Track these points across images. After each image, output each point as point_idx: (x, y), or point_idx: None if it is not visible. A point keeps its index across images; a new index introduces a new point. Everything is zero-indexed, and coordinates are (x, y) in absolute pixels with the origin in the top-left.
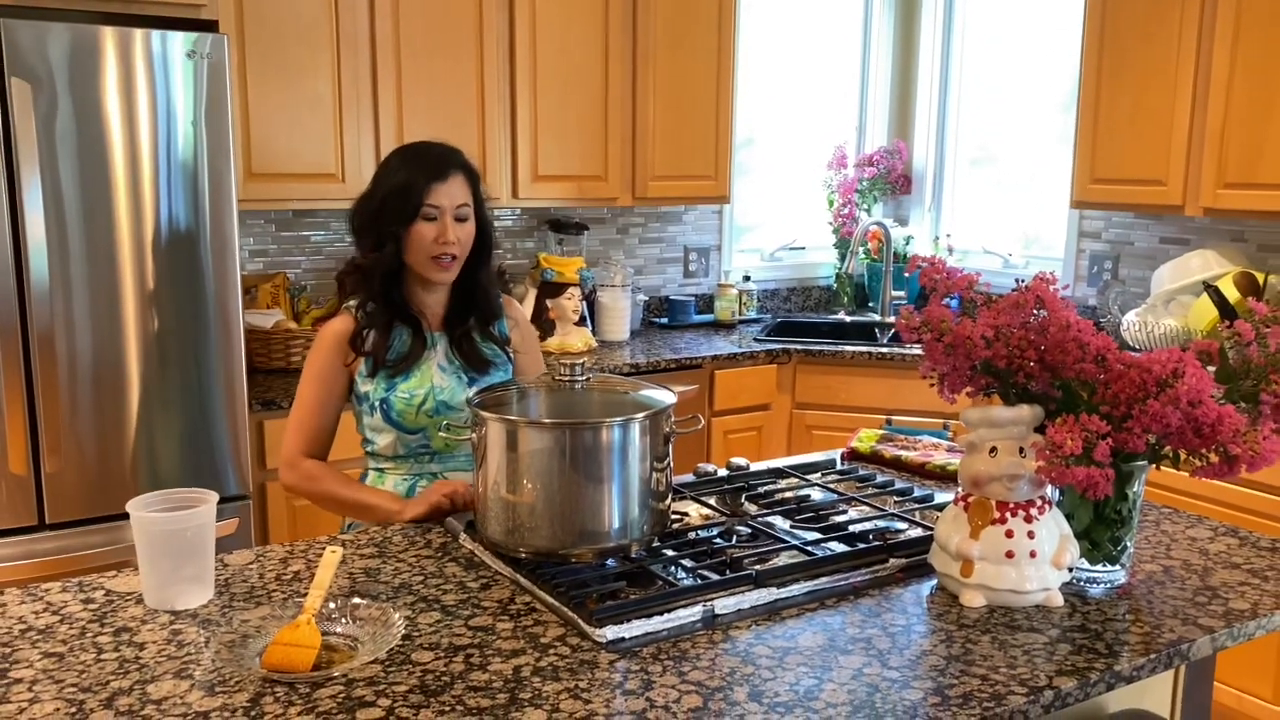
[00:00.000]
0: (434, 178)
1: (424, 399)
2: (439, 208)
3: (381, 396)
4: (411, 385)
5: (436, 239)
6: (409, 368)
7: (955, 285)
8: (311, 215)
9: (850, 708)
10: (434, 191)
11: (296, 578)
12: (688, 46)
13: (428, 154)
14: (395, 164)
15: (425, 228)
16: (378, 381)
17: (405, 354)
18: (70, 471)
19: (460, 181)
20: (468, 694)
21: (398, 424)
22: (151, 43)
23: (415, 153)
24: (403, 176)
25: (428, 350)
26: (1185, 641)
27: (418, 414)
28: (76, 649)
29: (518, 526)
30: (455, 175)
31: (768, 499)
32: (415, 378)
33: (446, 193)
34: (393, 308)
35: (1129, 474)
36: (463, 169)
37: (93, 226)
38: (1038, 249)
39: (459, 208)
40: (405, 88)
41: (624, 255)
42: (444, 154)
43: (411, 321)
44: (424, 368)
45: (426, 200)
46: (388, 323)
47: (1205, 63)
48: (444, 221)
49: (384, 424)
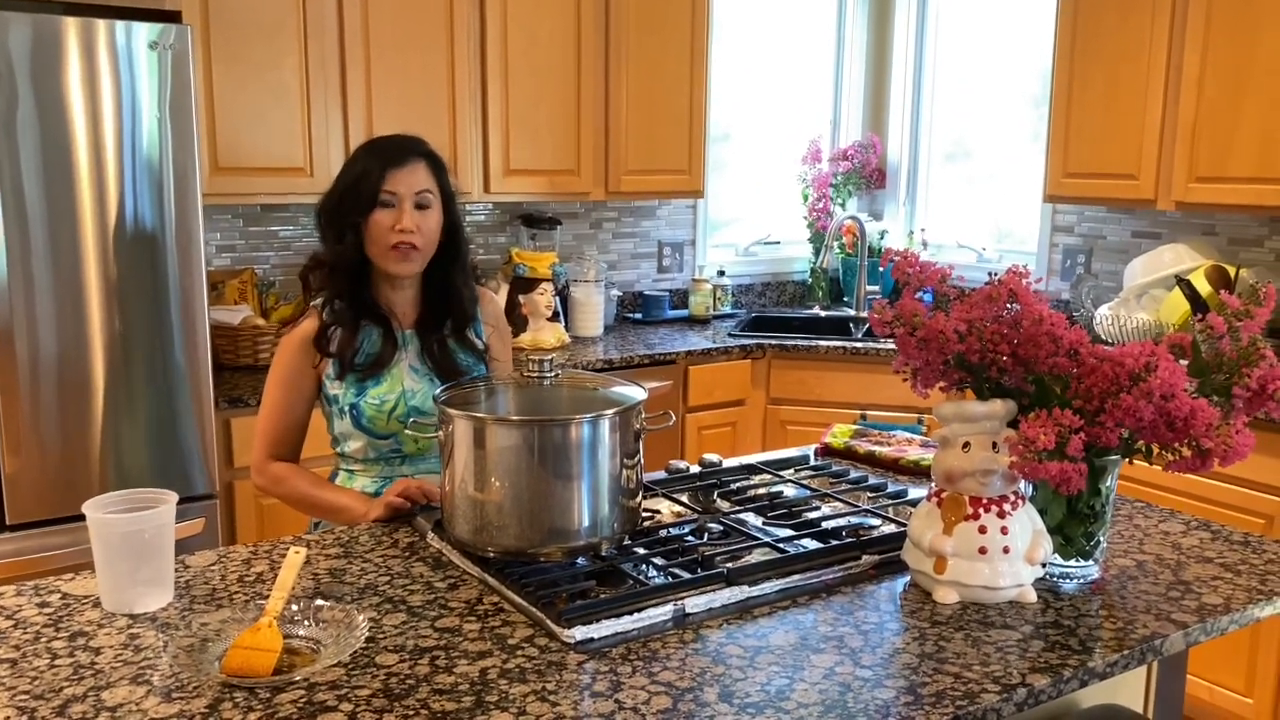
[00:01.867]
0: (390, 164)
1: (395, 404)
2: (395, 194)
3: (351, 402)
4: (382, 391)
5: (393, 226)
6: (379, 372)
7: (928, 279)
8: (280, 210)
9: (822, 707)
10: (390, 178)
11: (259, 579)
12: (661, 39)
13: (389, 144)
14: (358, 155)
15: (382, 215)
16: (346, 385)
17: (375, 356)
18: (31, 472)
19: (421, 169)
20: (433, 697)
21: (368, 430)
22: (115, 34)
23: (377, 144)
24: (362, 165)
25: (399, 351)
26: (1159, 637)
27: (389, 420)
28: (30, 654)
29: (485, 525)
30: (415, 162)
31: (740, 496)
32: (386, 382)
33: (404, 179)
34: (360, 306)
35: (1102, 468)
36: (425, 156)
37: (55, 221)
38: (1011, 243)
39: (419, 194)
40: (374, 80)
41: (597, 250)
42: (404, 142)
43: (381, 321)
44: (394, 372)
45: (383, 187)
46: (355, 321)
47: (1177, 58)
48: (401, 208)
49: (353, 429)
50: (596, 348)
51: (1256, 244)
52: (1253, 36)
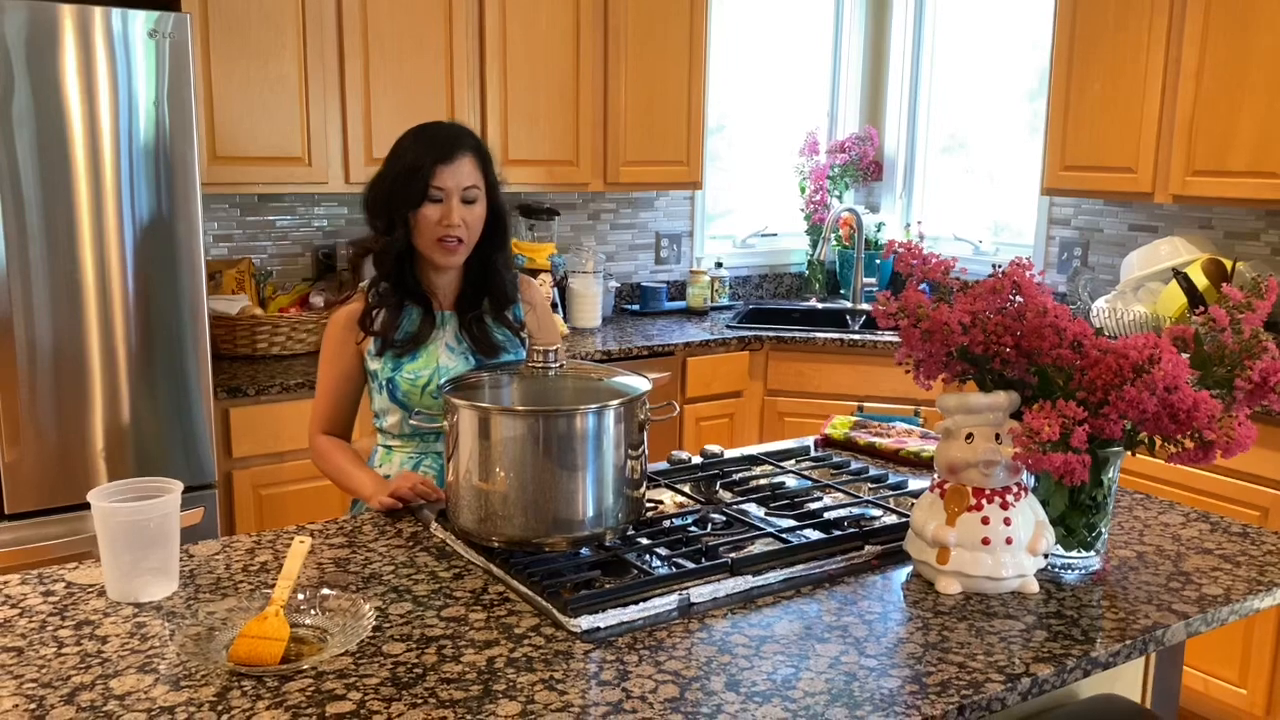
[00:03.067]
0: (440, 159)
1: (429, 380)
2: (444, 189)
3: (388, 376)
4: (417, 366)
5: (440, 221)
6: (416, 348)
7: (931, 271)
8: (277, 199)
9: (828, 696)
10: (440, 173)
11: (264, 569)
12: (660, 30)
13: (436, 135)
14: (406, 144)
15: (431, 210)
16: (385, 361)
17: (413, 334)
18: (30, 461)
19: (469, 162)
20: (440, 686)
21: (403, 404)
22: (111, 21)
23: (426, 134)
24: (410, 158)
25: (436, 330)
26: (1160, 627)
27: (423, 395)
28: (36, 643)
29: (490, 515)
30: (463, 156)
31: (742, 486)
32: (421, 358)
33: (452, 174)
34: (404, 288)
35: (1104, 460)
36: (473, 150)
37: (52, 211)
38: (1008, 236)
39: (466, 189)
40: (373, 70)
41: (595, 241)
42: (453, 135)
43: (423, 301)
44: (431, 348)
45: (432, 183)
46: (399, 302)
47: (1175, 51)
48: (449, 204)
49: (390, 403)
50: (595, 339)
51: (1252, 237)
52: (1250, 31)
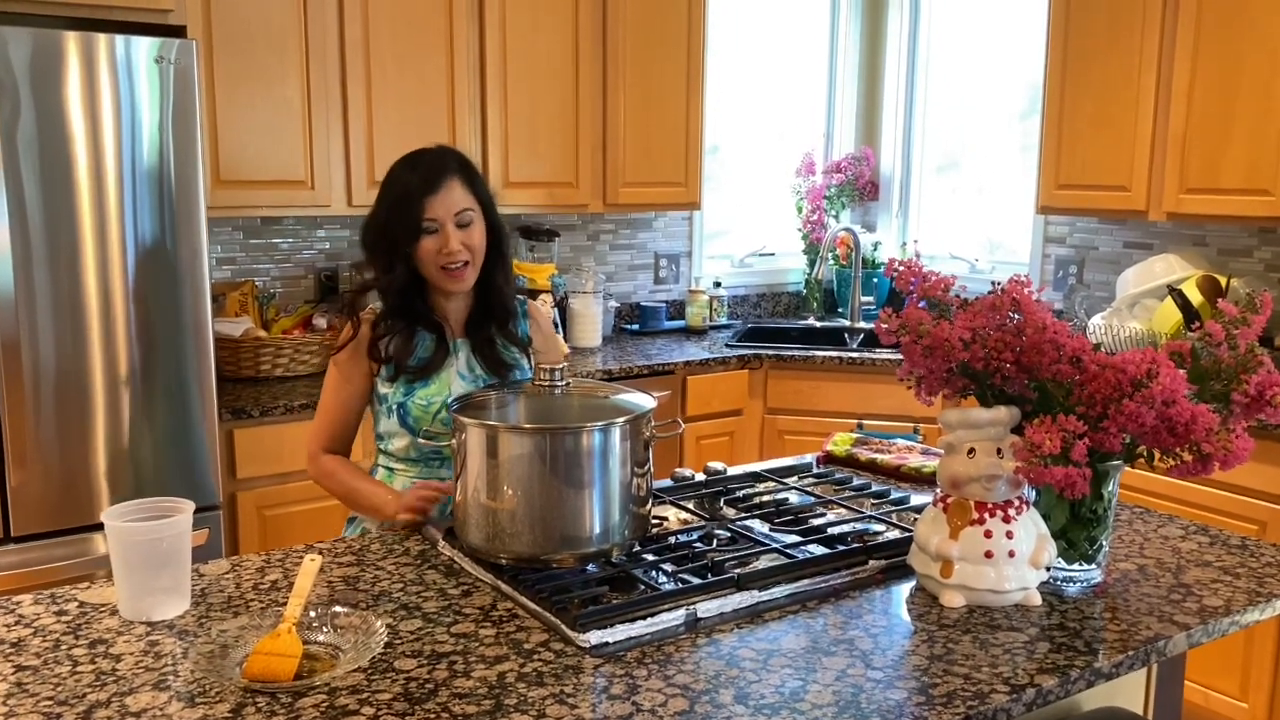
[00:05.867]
0: (426, 191)
1: (440, 407)
2: (437, 219)
3: (399, 401)
4: (430, 392)
5: (440, 250)
6: (429, 375)
7: (931, 288)
8: (280, 223)
9: (836, 708)
10: (430, 205)
11: (274, 587)
12: (658, 54)
13: (419, 164)
14: (393, 177)
15: (429, 242)
16: (397, 386)
17: (427, 360)
18: (36, 483)
19: (456, 187)
20: (452, 701)
21: (413, 430)
22: (116, 48)
23: (409, 164)
24: (398, 191)
25: (450, 358)
26: (1162, 638)
27: (433, 421)
28: (51, 662)
29: (498, 532)
30: (450, 181)
31: (746, 503)
32: (434, 385)
33: (442, 203)
34: (414, 315)
35: (1104, 473)
36: (458, 172)
37: (57, 234)
38: (1003, 254)
39: (459, 214)
40: (375, 94)
41: (595, 262)
42: (435, 162)
43: (435, 328)
44: (443, 376)
45: (424, 215)
46: (409, 329)
47: (1167, 70)
48: (445, 233)
49: (399, 428)
50: (595, 358)
51: (1246, 254)
52: (1241, 50)
